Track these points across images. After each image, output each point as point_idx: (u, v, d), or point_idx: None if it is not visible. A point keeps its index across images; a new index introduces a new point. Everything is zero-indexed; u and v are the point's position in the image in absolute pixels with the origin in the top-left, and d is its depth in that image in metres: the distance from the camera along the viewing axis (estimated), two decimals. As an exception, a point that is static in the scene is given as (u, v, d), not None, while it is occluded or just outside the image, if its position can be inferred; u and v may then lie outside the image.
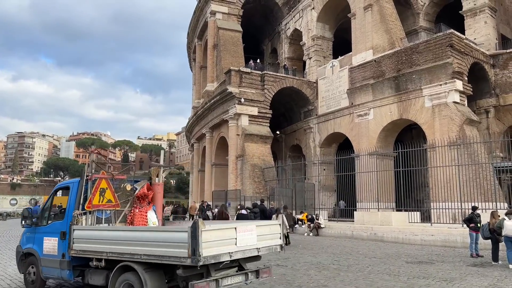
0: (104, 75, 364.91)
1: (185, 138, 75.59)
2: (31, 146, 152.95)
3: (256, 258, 7.25)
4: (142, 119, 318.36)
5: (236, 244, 6.52)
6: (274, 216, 18.35)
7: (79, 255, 7.59)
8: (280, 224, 7.77)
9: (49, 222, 8.68)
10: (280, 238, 7.55)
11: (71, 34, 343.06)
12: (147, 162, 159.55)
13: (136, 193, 8.75)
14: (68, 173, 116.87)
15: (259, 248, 6.96)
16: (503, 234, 11.51)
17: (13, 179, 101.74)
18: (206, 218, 21.56)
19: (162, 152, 14.73)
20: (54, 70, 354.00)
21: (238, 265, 7.03)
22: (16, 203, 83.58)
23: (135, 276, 6.53)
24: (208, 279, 6.22)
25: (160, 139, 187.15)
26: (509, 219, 11.48)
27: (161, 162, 10.99)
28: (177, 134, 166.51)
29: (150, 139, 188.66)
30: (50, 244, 8.30)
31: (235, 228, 6.66)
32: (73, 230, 7.73)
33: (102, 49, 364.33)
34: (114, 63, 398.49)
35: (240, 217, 14.69)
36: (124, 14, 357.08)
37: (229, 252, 6.38)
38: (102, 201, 8.34)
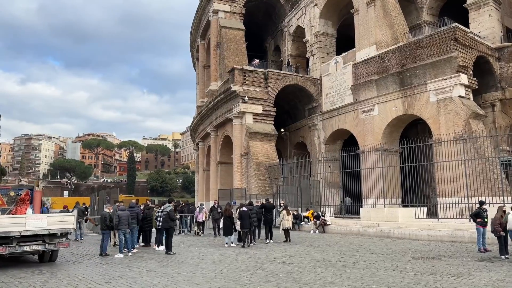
0: (111, 76, 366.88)
1: (190, 137, 75.71)
2: (37, 148, 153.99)
3: (63, 236, 11.78)
4: (149, 119, 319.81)
5: (25, 226, 11.03)
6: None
7: None
8: (74, 215, 12.63)
9: None
10: (73, 224, 12.20)
11: (79, 36, 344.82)
12: (152, 162, 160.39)
13: (18, 197, 13.56)
14: (74, 174, 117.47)
15: (49, 229, 11.41)
16: (507, 228, 11.44)
17: (20, 181, 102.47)
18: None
19: (40, 173, 19.82)
20: (61, 72, 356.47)
21: (42, 239, 11.43)
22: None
23: None
24: (5, 246, 10.79)
25: (165, 139, 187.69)
26: (514, 213, 11.40)
27: (41, 176, 15.77)
28: (182, 134, 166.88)
29: (155, 139, 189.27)
30: None
31: (25, 217, 11.45)
32: None
33: (109, 50, 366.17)
34: (121, 64, 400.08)
35: (242, 213, 16.01)
36: (131, 15, 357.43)
37: (18, 231, 10.89)
38: None
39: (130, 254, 14.05)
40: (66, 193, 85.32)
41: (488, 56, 25.72)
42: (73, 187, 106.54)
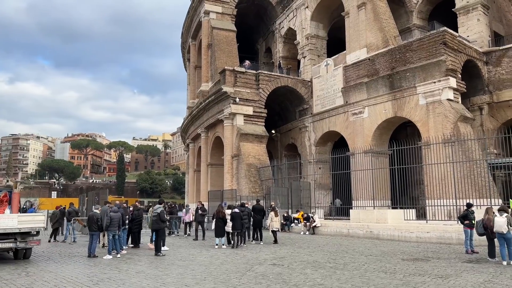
0: (101, 76, 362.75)
1: (180, 138, 75.34)
2: (25, 148, 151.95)
3: (36, 234, 12.62)
4: (139, 120, 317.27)
5: None
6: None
7: None
8: (44, 215, 13.72)
9: None
10: (43, 223, 12.95)
11: (69, 36, 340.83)
12: (142, 163, 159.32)
13: None
14: (63, 174, 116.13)
15: (20, 228, 12.13)
16: (494, 230, 11.57)
17: (7, 181, 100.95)
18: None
19: (20, 173, 20.82)
20: (51, 72, 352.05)
21: (14, 238, 12.14)
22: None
23: None
24: None
25: (155, 140, 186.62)
26: (501, 215, 11.52)
27: (19, 179, 17.42)
28: (173, 135, 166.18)
29: (145, 139, 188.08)
30: None
31: None
32: None
33: (100, 50, 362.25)
34: (112, 64, 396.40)
35: (234, 214, 16.10)
36: (123, 15, 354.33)
37: None
38: None
39: (119, 255, 13.94)
40: (54, 193, 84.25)
41: (476, 60, 26.07)
42: (61, 187, 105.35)
